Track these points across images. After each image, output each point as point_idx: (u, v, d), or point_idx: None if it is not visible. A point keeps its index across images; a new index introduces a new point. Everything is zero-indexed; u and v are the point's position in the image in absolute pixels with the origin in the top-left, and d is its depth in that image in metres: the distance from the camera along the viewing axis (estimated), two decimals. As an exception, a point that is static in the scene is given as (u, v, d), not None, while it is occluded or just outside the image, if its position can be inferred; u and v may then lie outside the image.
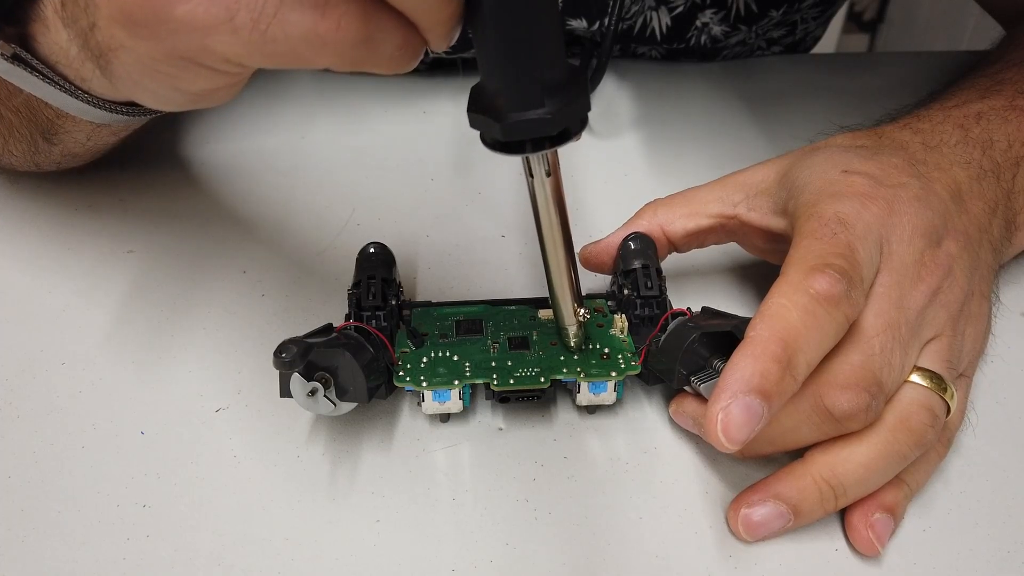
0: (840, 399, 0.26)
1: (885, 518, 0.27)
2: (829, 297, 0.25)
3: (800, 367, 0.25)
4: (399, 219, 0.41)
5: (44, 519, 0.27)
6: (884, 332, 0.27)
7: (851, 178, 0.29)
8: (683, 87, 0.51)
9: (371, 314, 0.30)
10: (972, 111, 0.34)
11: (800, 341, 0.25)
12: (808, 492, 0.27)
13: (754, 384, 0.24)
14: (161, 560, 0.26)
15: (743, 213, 0.33)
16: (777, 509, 0.27)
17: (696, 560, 0.27)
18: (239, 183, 0.43)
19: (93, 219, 0.40)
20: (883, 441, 0.27)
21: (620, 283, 0.32)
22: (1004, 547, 0.27)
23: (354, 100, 0.49)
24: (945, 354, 0.28)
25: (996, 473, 0.29)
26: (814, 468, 0.27)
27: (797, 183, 0.30)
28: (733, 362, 0.25)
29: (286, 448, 0.30)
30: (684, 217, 0.33)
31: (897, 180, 0.30)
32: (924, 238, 0.29)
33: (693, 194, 0.34)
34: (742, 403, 0.24)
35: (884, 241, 0.28)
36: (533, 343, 0.31)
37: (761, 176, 0.33)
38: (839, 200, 0.28)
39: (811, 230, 0.28)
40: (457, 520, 0.28)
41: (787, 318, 0.25)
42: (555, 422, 0.31)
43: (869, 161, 0.31)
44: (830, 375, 0.26)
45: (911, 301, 0.28)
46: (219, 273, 0.37)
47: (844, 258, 0.26)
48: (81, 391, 0.32)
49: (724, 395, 0.24)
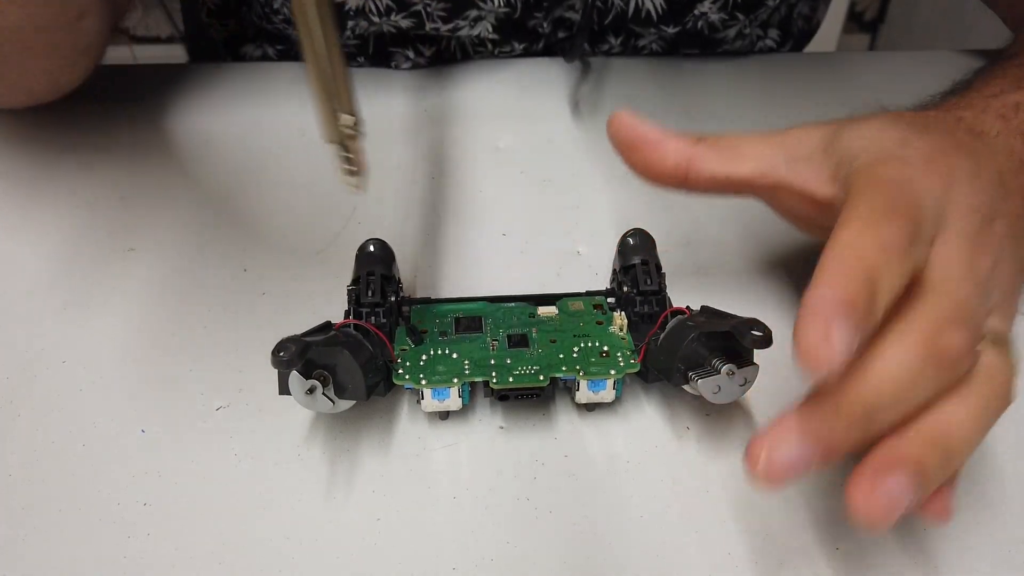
0: (954, 336, 0.24)
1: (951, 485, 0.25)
2: (898, 239, 0.24)
3: (880, 299, 0.23)
4: (399, 217, 0.41)
5: (45, 518, 0.27)
6: (964, 282, 0.26)
7: (908, 150, 0.29)
8: (683, 86, 0.51)
9: (370, 311, 0.30)
10: (1011, 101, 0.34)
11: (880, 275, 0.23)
12: (928, 456, 0.23)
13: (848, 306, 0.22)
14: (161, 559, 0.26)
15: (783, 175, 0.31)
16: (906, 480, 0.23)
17: (696, 560, 0.27)
18: (239, 181, 0.43)
19: (93, 217, 0.40)
20: (983, 397, 0.24)
21: (619, 280, 0.32)
22: (1006, 547, 0.27)
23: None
24: (1008, 323, 0.27)
25: (997, 473, 0.29)
26: (926, 428, 0.24)
27: (851, 150, 0.29)
28: (816, 285, 0.23)
29: (287, 447, 0.30)
30: (720, 161, 0.31)
31: (954, 157, 0.29)
32: (979, 215, 0.28)
33: (734, 142, 0.32)
34: (843, 318, 0.22)
35: (942, 212, 0.27)
36: (532, 341, 0.31)
37: (805, 140, 0.31)
38: (899, 165, 0.28)
39: (875, 186, 0.26)
40: (457, 519, 0.28)
41: (862, 251, 0.24)
42: (555, 420, 0.31)
43: (924, 136, 0.30)
44: (931, 317, 0.24)
45: (980, 266, 0.27)
46: (220, 271, 0.37)
47: (909, 207, 0.25)
48: (81, 389, 0.32)
49: (819, 314, 0.22)
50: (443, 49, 0.52)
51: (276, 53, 0.55)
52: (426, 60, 0.52)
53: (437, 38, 0.51)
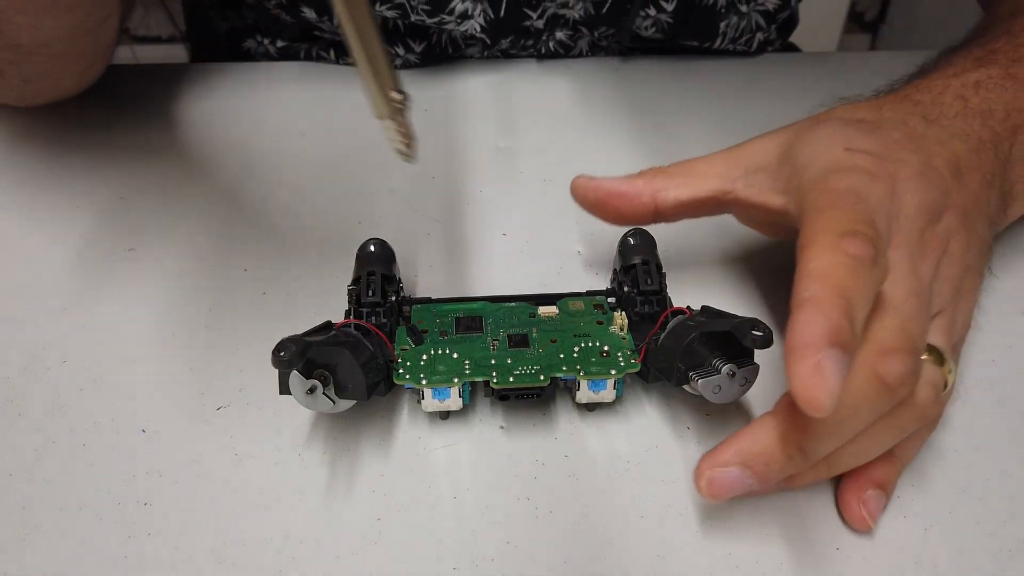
0: (891, 364, 0.25)
1: (878, 494, 0.27)
2: (866, 258, 0.25)
3: (859, 323, 0.24)
4: (400, 216, 0.41)
5: (45, 517, 0.28)
6: (911, 298, 0.27)
7: (855, 156, 0.29)
8: (683, 85, 0.51)
9: (371, 311, 0.30)
10: (970, 80, 0.34)
11: (855, 297, 0.24)
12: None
13: (834, 338, 0.23)
14: (162, 558, 0.26)
15: (740, 189, 0.33)
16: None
17: (696, 560, 0.27)
18: (240, 181, 0.43)
19: (94, 217, 0.40)
20: (917, 421, 0.27)
21: (620, 280, 0.32)
22: (1006, 546, 0.27)
23: (355, 98, 0.49)
24: (946, 329, 0.29)
25: (998, 474, 0.29)
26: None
27: (800, 161, 0.30)
28: (801, 320, 0.23)
29: (287, 447, 0.30)
30: (679, 187, 0.33)
31: (898, 156, 0.30)
32: (926, 214, 0.29)
33: (692, 165, 0.34)
34: (832, 356, 0.22)
35: (891, 217, 0.28)
36: (533, 340, 0.31)
37: (762, 152, 0.33)
38: (848, 175, 0.28)
39: (829, 202, 0.27)
40: (458, 518, 0.28)
41: (838, 275, 0.24)
42: (556, 420, 0.31)
43: (870, 137, 0.31)
44: (874, 344, 0.25)
45: (923, 272, 0.28)
46: (220, 271, 0.37)
47: (869, 226, 0.26)
48: (82, 389, 0.32)
49: (809, 351, 0.22)
50: (433, 44, 0.51)
51: (277, 52, 0.55)
52: (417, 57, 0.52)
53: (426, 33, 0.51)
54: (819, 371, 0.22)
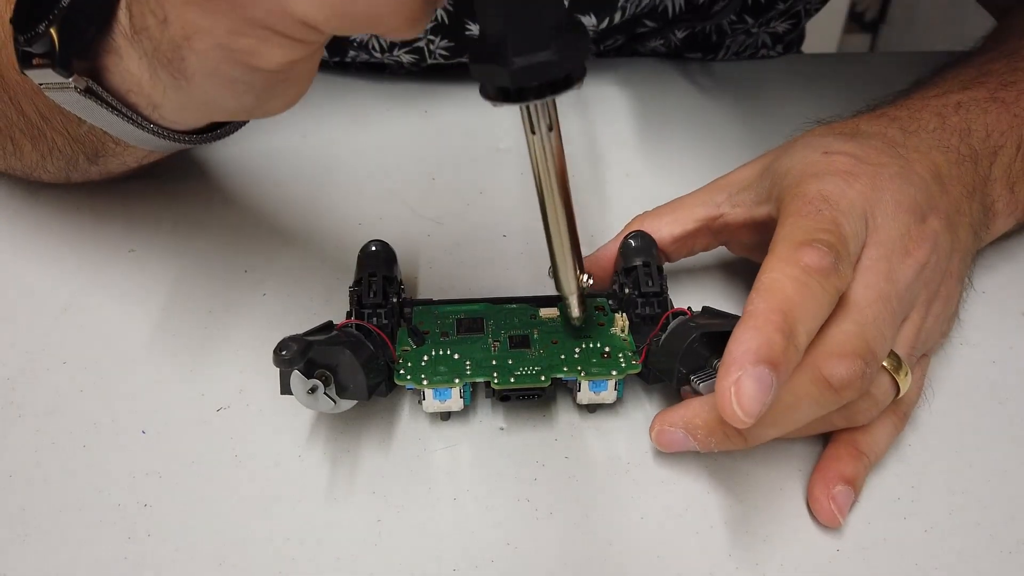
0: (837, 367, 0.26)
1: (846, 490, 0.28)
2: (819, 269, 0.26)
3: (800, 336, 0.25)
4: (400, 218, 0.41)
5: (45, 518, 0.27)
6: (876, 303, 0.27)
7: (832, 158, 0.30)
8: (684, 87, 0.51)
9: (372, 312, 0.30)
10: (951, 101, 0.34)
11: (798, 311, 0.25)
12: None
13: (762, 355, 0.24)
14: (162, 559, 0.26)
15: (727, 211, 0.33)
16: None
17: (696, 560, 0.27)
18: (241, 183, 0.43)
19: (95, 218, 0.40)
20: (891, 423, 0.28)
21: (621, 281, 0.32)
22: (1006, 547, 0.27)
23: (355, 100, 0.49)
24: (912, 336, 0.29)
25: (998, 474, 0.29)
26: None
27: (779, 171, 0.31)
28: (736, 336, 0.24)
29: (287, 448, 0.30)
30: (670, 224, 0.34)
31: (878, 159, 0.30)
32: (909, 214, 0.29)
33: (678, 202, 0.35)
34: (752, 374, 0.23)
35: (869, 216, 0.28)
36: (534, 342, 0.31)
37: (744, 175, 0.33)
38: (822, 179, 0.29)
39: (796, 209, 0.28)
40: (458, 520, 0.28)
41: (783, 290, 0.25)
42: (556, 421, 0.31)
43: (849, 142, 0.31)
44: (825, 345, 0.26)
45: (900, 275, 0.28)
46: (221, 272, 0.37)
47: (830, 233, 0.27)
48: (83, 390, 0.32)
49: (733, 368, 0.24)
50: (443, 64, 0.51)
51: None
52: (420, 69, 0.52)
53: None
54: (738, 389, 0.23)
